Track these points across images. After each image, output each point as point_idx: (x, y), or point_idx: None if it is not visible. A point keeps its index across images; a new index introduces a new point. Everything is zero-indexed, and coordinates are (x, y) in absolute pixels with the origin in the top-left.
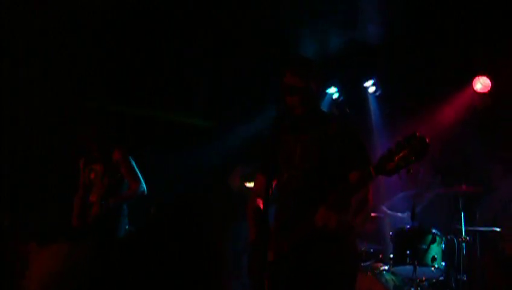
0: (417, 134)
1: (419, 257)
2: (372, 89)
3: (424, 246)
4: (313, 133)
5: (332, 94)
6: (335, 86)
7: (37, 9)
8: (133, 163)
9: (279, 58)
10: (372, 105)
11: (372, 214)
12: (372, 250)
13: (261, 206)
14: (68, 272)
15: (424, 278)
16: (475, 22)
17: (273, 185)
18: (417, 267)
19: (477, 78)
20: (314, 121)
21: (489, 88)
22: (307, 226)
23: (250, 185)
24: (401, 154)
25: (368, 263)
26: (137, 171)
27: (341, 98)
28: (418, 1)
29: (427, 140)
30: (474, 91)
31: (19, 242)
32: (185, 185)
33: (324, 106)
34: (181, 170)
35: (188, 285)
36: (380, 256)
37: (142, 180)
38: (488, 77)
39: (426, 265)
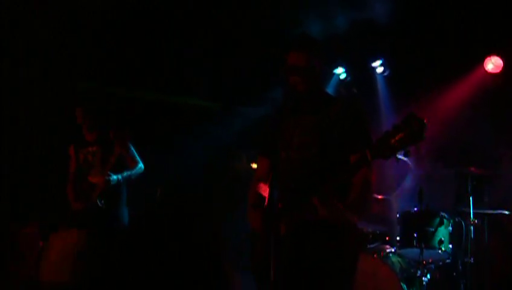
0: (414, 115)
1: (426, 240)
2: (380, 69)
3: (431, 229)
4: (313, 116)
5: (339, 74)
6: (342, 66)
7: (37, 9)
8: (129, 143)
9: (288, 38)
10: (380, 85)
11: (379, 196)
12: (378, 232)
13: (264, 189)
14: (77, 257)
15: (430, 261)
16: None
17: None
18: (424, 249)
19: (488, 58)
20: (316, 102)
21: (501, 68)
22: (303, 213)
23: (256, 166)
24: (397, 137)
25: (374, 245)
26: (134, 151)
27: (348, 78)
28: None
29: (425, 121)
30: (486, 71)
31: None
32: (190, 167)
33: (331, 87)
34: (186, 152)
35: (190, 273)
36: (387, 238)
37: (139, 160)
38: (499, 56)
39: (433, 248)
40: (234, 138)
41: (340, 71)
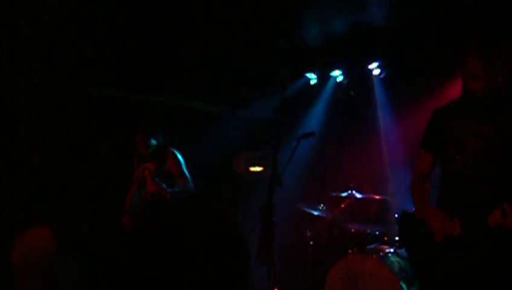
0: None
1: None
2: (377, 72)
3: None
4: (487, 125)
5: (336, 77)
6: (339, 68)
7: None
8: (182, 161)
9: (282, 44)
10: (377, 88)
11: (377, 197)
12: (377, 232)
13: (424, 184)
14: None
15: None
16: (485, 2)
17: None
18: None
19: None
20: (489, 110)
21: None
22: (482, 215)
23: (255, 169)
24: None
25: (373, 245)
26: (186, 171)
27: (345, 81)
28: None
29: None
30: None
31: None
32: (190, 169)
33: (328, 89)
34: (186, 155)
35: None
36: (385, 239)
37: (190, 179)
38: None
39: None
40: (233, 142)
41: (337, 73)
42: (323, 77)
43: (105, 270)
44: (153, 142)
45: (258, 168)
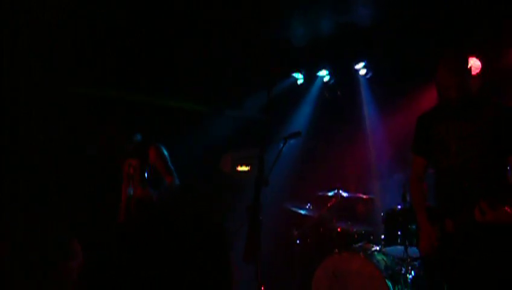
0: None
1: (410, 237)
2: (363, 72)
3: (415, 227)
4: (467, 123)
5: (323, 77)
6: (326, 68)
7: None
8: (167, 155)
9: (270, 43)
10: (363, 87)
11: (364, 196)
12: (363, 231)
13: (421, 185)
14: None
15: (415, 258)
16: (468, 3)
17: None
18: (408, 247)
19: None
20: (467, 108)
21: (479, 70)
22: (470, 214)
23: (242, 169)
24: None
25: (359, 244)
26: (171, 165)
27: (332, 81)
28: None
29: None
30: None
31: None
32: (178, 170)
33: (315, 89)
34: (172, 155)
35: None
36: (372, 237)
37: (175, 174)
38: (478, 58)
39: (417, 245)
40: (220, 141)
41: (323, 73)
42: (310, 77)
43: (102, 269)
44: (137, 137)
45: (245, 168)
